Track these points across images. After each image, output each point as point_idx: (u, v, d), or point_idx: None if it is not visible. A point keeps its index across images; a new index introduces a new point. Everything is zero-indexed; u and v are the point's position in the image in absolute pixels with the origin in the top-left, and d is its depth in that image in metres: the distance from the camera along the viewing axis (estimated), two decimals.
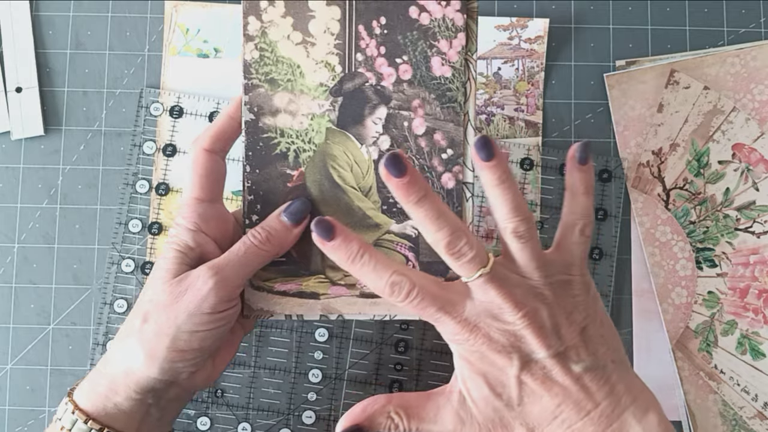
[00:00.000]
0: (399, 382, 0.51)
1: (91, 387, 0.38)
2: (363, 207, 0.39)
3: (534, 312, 0.34)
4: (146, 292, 0.38)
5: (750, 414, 0.50)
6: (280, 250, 0.39)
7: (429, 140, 0.39)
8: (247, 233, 0.38)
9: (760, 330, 0.51)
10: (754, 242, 0.51)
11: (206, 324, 0.37)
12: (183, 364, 0.37)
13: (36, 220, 0.52)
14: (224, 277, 0.37)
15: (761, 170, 0.51)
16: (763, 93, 0.52)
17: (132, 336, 0.37)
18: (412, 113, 0.39)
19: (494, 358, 0.35)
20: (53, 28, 0.53)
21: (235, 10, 0.52)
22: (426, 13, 0.39)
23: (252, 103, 0.39)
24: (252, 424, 0.50)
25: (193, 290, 0.36)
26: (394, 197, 0.37)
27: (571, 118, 0.53)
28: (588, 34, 0.53)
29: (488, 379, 0.35)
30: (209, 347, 0.38)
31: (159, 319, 0.37)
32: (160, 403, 0.38)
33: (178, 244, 0.38)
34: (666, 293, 0.51)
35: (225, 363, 0.41)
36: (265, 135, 0.39)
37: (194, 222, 0.38)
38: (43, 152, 0.52)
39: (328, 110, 0.39)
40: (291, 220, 0.38)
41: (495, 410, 0.35)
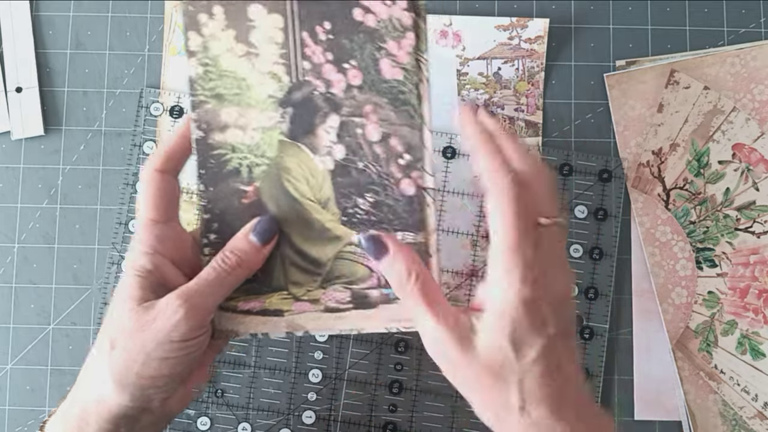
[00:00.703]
0: (399, 381, 0.51)
1: (64, 419, 0.37)
2: (321, 219, 0.38)
3: None
4: (112, 315, 0.37)
5: (750, 414, 0.50)
6: (251, 272, 0.38)
7: (385, 146, 0.38)
8: (216, 257, 0.37)
9: (760, 330, 0.51)
10: (754, 242, 0.51)
11: (177, 351, 0.36)
12: (154, 390, 0.36)
13: (36, 220, 0.52)
14: (194, 305, 0.36)
15: (761, 170, 0.51)
16: (763, 93, 0.52)
17: (101, 362, 0.36)
18: (365, 119, 0.37)
19: (553, 315, 0.34)
20: (53, 28, 0.53)
21: None
22: (371, 15, 0.37)
23: (200, 120, 0.37)
24: (252, 424, 0.50)
25: (163, 319, 0.35)
26: (353, 207, 0.37)
27: (571, 118, 0.53)
28: (588, 34, 0.53)
29: (517, 332, 0.34)
30: (180, 373, 0.37)
31: (127, 345, 0.35)
32: (133, 431, 0.38)
33: (136, 269, 0.37)
34: (666, 293, 0.51)
35: (198, 386, 0.40)
36: (215, 152, 0.38)
37: (150, 245, 0.37)
38: (44, 152, 0.52)
39: (278, 122, 0.38)
40: (260, 240, 0.37)
41: (503, 360, 0.34)
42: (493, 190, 0.35)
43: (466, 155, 0.52)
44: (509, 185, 0.34)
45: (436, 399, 0.51)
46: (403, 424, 0.50)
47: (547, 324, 0.34)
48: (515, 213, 0.34)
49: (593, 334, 0.51)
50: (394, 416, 0.50)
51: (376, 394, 0.51)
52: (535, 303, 0.34)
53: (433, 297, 0.36)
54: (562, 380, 0.35)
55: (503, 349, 0.34)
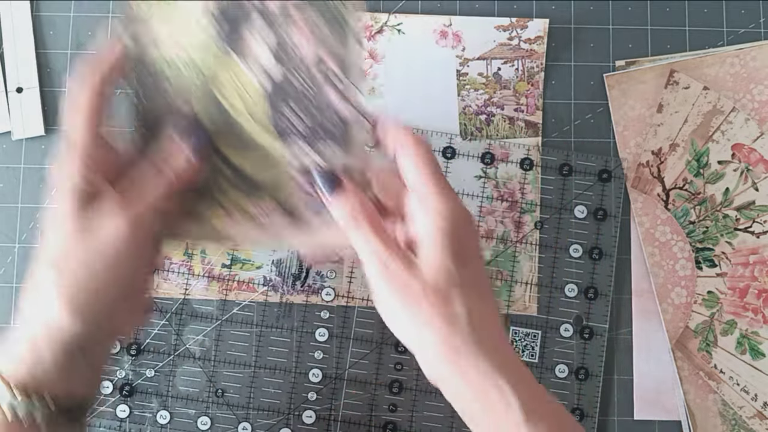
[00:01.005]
0: (399, 381, 0.51)
1: (15, 356, 0.36)
2: (256, 136, 0.38)
3: None
4: (48, 241, 0.37)
5: (749, 414, 0.50)
6: (186, 183, 0.38)
7: (319, 65, 0.37)
8: (151, 169, 0.37)
9: (760, 330, 0.51)
10: (754, 242, 0.51)
11: (123, 264, 0.36)
12: (102, 307, 0.36)
13: (37, 220, 0.52)
14: (137, 215, 0.36)
15: (761, 170, 0.52)
16: (762, 93, 0.52)
17: (47, 292, 0.36)
18: (300, 36, 0.37)
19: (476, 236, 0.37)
20: (54, 29, 0.53)
21: None
22: None
23: (133, 35, 0.38)
24: (252, 423, 0.51)
25: (106, 231, 0.35)
26: (288, 126, 0.37)
27: (571, 119, 0.53)
28: (588, 34, 0.53)
29: (460, 244, 0.36)
30: (128, 287, 0.37)
31: (70, 265, 0.35)
32: (86, 355, 0.37)
33: (71, 187, 0.36)
34: (666, 293, 0.51)
35: (147, 305, 0.41)
36: (150, 67, 0.38)
37: (83, 161, 0.37)
38: (44, 152, 0.52)
39: (212, 36, 0.37)
40: (193, 151, 0.38)
41: (446, 275, 0.36)
42: (407, 145, 0.37)
43: (466, 155, 0.52)
44: (417, 138, 0.37)
45: (436, 399, 0.51)
46: (403, 424, 0.50)
47: (475, 245, 0.38)
48: (425, 155, 0.37)
49: (593, 334, 0.51)
50: (394, 416, 0.51)
51: (376, 393, 0.51)
52: (466, 223, 0.37)
53: (381, 227, 0.37)
54: (494, 300, 0.38)
55: (447, 266, 0.36)
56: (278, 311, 0.51)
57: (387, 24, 0.53)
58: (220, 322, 0.51)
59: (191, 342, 0.51)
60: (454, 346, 0.35)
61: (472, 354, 0.35)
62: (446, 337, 0.35)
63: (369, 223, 0.37)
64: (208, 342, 0.51)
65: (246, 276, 0.51)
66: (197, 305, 0.51)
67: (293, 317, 0.51)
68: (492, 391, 0.35)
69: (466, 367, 0.35)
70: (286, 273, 0.51)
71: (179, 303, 0.51)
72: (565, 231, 0.51)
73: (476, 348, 0.35)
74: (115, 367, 0.51)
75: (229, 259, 0.51)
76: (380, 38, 0.53)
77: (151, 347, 0.51)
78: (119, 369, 0.51)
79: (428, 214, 0.36)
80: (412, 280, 0.36)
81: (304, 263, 0.51)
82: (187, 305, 0.51)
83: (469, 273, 0.36)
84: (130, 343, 0.51)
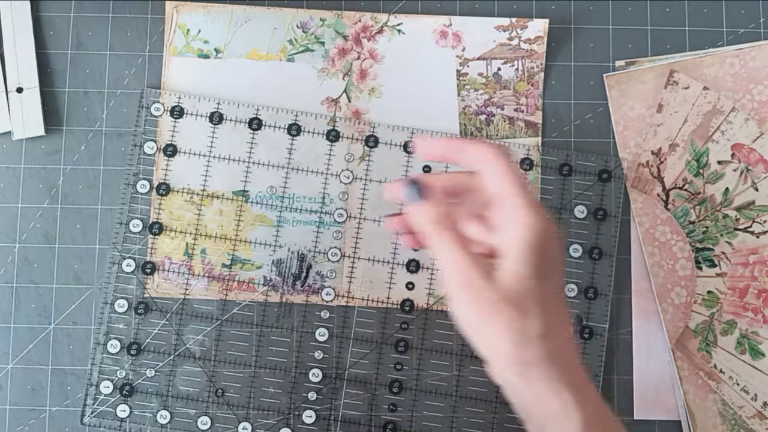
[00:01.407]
0: (399, 381, 0.51)
1: None
2: None
3: None
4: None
5: (749, 413, 0.50)
6: None
7: None
8: None
9: (760, 330, 0.51)
10: (754, 242, 0.51)
11: None
12: None
13: (37, 220, 0.52)
14: None
15: (760, 170, 0.52)
16: (762, 93, 0.52)
17: None
18: None
19: (559, 252, 0.38)
20: (54, 29, 0.53)
21: (235, 10, 0.53)
22: None
23: None
24: (252, 423, 0.51)
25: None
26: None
27: (571, 119, 0.53)
28: (587, 34, 0.53)
29: (543, 258, 0.36)
30: None
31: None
32: None
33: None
34: (665, 293, 0.51)
35: None
36: None
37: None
38: (44, 152, 0.52)
39: None
40: None
41: (524, 289, 0.36)
42: (487, 159, 0.38)
43: None
44: (496, 150, 0.38)
45: (436, 399, 0.51)
46: (403, 424, 0.51)
47: (558, 260, 0.38)
48: (509, 166, 0.38)
49: (593, 333, 0.51)
50: (394, 416, 0.51)
51: (376, 393, 0.51)
52: (550, 238, 0.37)
53: (462, 236, 0.38)
54: (568, 317, 0.38)
55: (527, 279, 0.36)
56: (278, 311, 0.51)
57: (387, 24, 0.53)
58: (220, 321, 0.51)
59: (191, 342, 0.51)
60: (525, 358, 0.36)
61: (541, 367, 0.36)
62: (518, 348, 0.36)
63: (450, 231, 0.38)
64: (209, 342, 0.51)
65: (246, 276, 0.51)
66: (197, 305, 0.51)
67: (293, 317, 0.51)
68: (556, 404, 0.36)
69: (534, 378, 0.36)
70: (286, 273, 0.51)
71: (179, 303, 0.51)
72: (565, 231, 0.52)
73: (546, 362, 0.36)
74: (115, 367, 0.51)
75: (229, 259, 0.51)
76: (380, 38, 0.53)
77: (151, 347, 0.51)
78: (119, 369, 0.51)
79: (513, 226, 0.37)
80: (488, 290, 0.36)
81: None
82: (188, 305, 0.51)
83: (548, 288, 0.37)
84: (130, 343, 0.51)
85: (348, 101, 0.52)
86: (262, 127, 0.52)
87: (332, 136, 0.52)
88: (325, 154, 0.52)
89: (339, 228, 0.52)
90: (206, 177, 0.52)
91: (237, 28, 0.53)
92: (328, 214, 0.52)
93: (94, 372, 0.51)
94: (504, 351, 0.36)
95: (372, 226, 0.52)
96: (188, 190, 0.52)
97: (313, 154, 0.52)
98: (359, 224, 0.52)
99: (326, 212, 0.52)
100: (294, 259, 0.52)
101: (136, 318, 0.51)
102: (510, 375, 0.37)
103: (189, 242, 0.51)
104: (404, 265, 0.51)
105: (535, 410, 0.37)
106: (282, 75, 0.53)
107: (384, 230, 0.52)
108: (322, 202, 0.52)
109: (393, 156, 0.52)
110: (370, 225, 0.52)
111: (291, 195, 0.52)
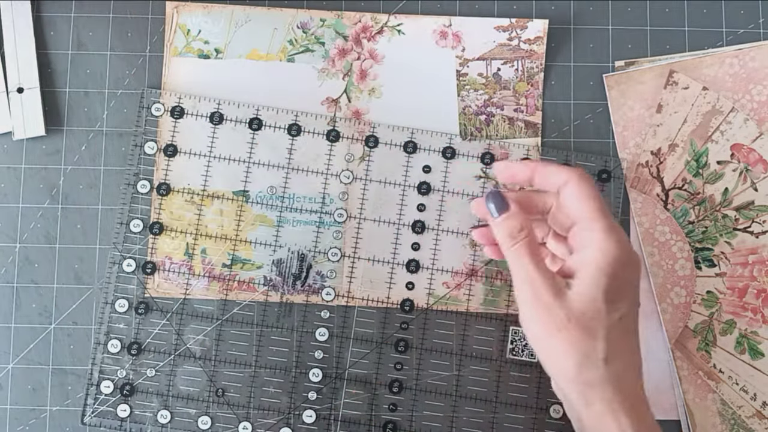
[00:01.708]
0: (399, 381, 0.51)
1: None
2: None
3: None
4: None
5: (749, 413, 0.51)
6: None
7: None
8: None
9: (759, 329, 0.51)
10: (753, 242, 0.51)
11: None
12: None
13: (38, 220, 0.52)
14: None
15: (760, 170, 0.52)
16: (761, 93, 0.52)
17: None
18: None
19: (635, 279, 0.38)
20: (55, 29, 0.53)
21: (235, 10, 0.53)
22: None
23: None
24: (253, 423, 0.51)
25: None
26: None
27: (571, 119, 0.53)
28: (587, 34, 0.53)
29: (615, 283, 0.37)
30: None
31: None
32: None
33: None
34: (665, 293, 0.51)
35: None
36: None
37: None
38: (45, 152, 0.52)
39: None
40: None
41: (594, 312, 0.36)
42: (570, 181, 0.39)
43: (465, 155, 0.52)
44: (580, 172, 0.39)
45: (436, 399, 0.51)
46: (403, 424, 0.51)
47: (631, 285, 0.38)
48: (590, 189, 0.39)
49: None
50: (394, 415, 0.51)
51: (376, 393, 0.51)
52: (626, 264, 0.37)
53: (537, 252, 0.39)
54: (637, 343, 0.38)
55: (596, 302, 0.36)
56: (278, 311, 0.51)
57: (387, 24, 0.53)
58: (220, 321, 0.51)
59: (192, 342, 0.51)
60: (587, 379, 0.37)
61: (602, 390, 0.37)
62: (581, 369, 0.36)
63: (526, 246, 0.38)
64: (209, 342, 0.51)
65: (246, 276, 0.52)
66: (198, 305, 0.51)
67: (293, 317, 0.51)
68: (613, 426, 0.37)
69: (593, 399, 0.37)
70: (286, 273, 0.52)
71: (180, 303, 0.51)
72: None
73: (609, 386, 0.36)
74: (115, 367, 0.51)
75: (230, 259, 0.52)
76: (380, 39, 0.53)
77: (151, 347, 0.51)
78: (120, 369, 0.51)
79: (589, 249, 0.37)
80: (557, 308, 0.37)
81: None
82: (188, 305, 0.51)
83: (618, 314, 0.37)
84: (130, 343, 0.51)
85: (348, 101, 0.52)
86: (263, 127, 0.52)
87: (332, 137, 0.52)
88: (325, 154, 0.52)
89: (339, 228, 0.52)
90: (206, 177, 0.52)
91: (237, 28, 0.53)
92: (328, 214, 0.52)
93: (94, 372, 0.51)
94: (567, 369, 0.37)
95: (372, 226, 0.52)
96: (188, 190, 0.52)
97: (313, 154, 0.52)
98: (359, 224, 0.52)
99: (326, 212, 0.52)
100: (294, 259, 0.52)
101: (136, 318, 0.51)
102: (570, 393, 0.37)
103: (189, 242, 0.52)
104: (404, 265, 0.52)
105: (592, 430, 0.38)
106: (282, 75, 0.53)
107: (384, 230, 0.52)
108: (322, 202, 0.52)
109: (393, 156, 0.52)
110: (370, 225, 0.52)
111: (291, 195, 0.52)
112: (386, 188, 0.52)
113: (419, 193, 0.52)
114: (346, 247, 0.52)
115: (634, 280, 0.39)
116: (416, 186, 0.52)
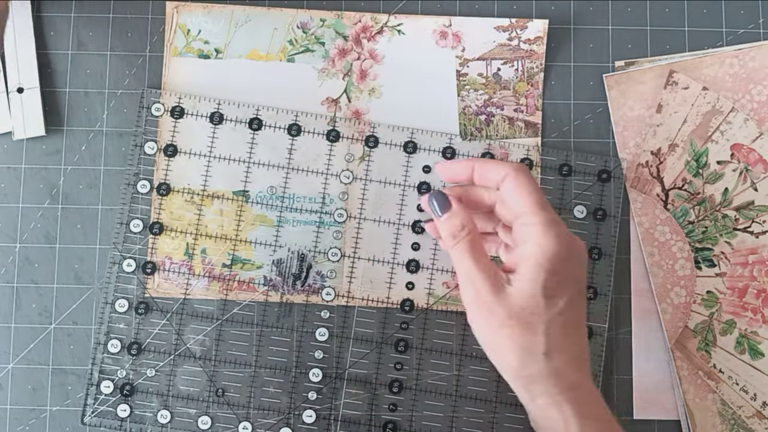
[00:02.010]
0: (399, 381, 0.51)
1: None
2: None
3: None
4: None
5: (749, 413, 0.51)
6: None
7: None
8: None
9: (759, 329, 0.51)
10: (753, 242, 0.51)
11: None
12: None
13: (38, 220, 0.52)
14: None
15: (760, 170, 0.52)
16: (761, 93, 0.52)
17: None
18: None
19: (577, 272, 0.38)
20: (55, 29, 0.53)
21: (236, 10, 0.53)
22: None
23: None
24: (253, 423, 0.51)
25: None
26: None
27: (571, 119, 0.53)
28: (587, 34, 0.53)
29: (554, 278, 0.37)
30: None
31: None
32: None
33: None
34: (665, 293, 0.51)
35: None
36: None
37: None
38: (45, 152, 0.52)
39: None
40: None
41: (533, 307, 0.37)
42: (508, 176, 0.39)
43: (465, 155, 0.52)
44: (518, 167, 0.39)
45: (436, 399, 0.51)
46: (403, 424, 0.51)
47: (572, 279, 0.38)
48: (528, 184, 0.39)
49: (592, 333, 0.51)
50: (394, 415, 0.51)
51: (376, 393, 0.51)
52: (565, 259, 0.37)
53: (478, 250, 0.39)
54: (580, 336, 0.39)
55: (535, 297, 0.37)
56: (278, 311, 0.51)
57: (387, 24, 0.53)
58: (220, 321, 0.51)
59: (192, 342, 0.51)
60: (529, 373, 0.37)
61: (544, 383, 0.37)
62: (523, 364, 0.37)
63: (467, 243, 0.39)
64: (209, 342, 0.51)
65: (246, 276, 0.52)
66: (198, 305, 0.51)
67: (293, 317, 0.51)
68: (558, 419, 0.37)
69: (537, 393, 0.37)
70: (286, 273, 0.52)
71: (180, 303, 0.51)
72: None
73: (550, 379, 0.37)
74: (115, 367, 0.51)
75: (230, 259, 0.52)
76: (380, 39, 0.53)
77: (151, 347, 0.51)
78: (120, 368, 0.51)
79: (529, 243, 0.38)
80: (497, 305, 0.37)
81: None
82: (188, 305, 0.51)
83: (559, 308, 0.37)
84: (130, 343, 0.51)
85: (348, 101, 0.52)
86: (263, 127, 0.52)
87: (332, 137, 0.52)
88: (325, 154, 0.52)
89: (339, 228, 0.52)
90: (206, 177, 0.52)
91: (237, 28, 0.53)
92: (328, 214, 0.52)
93: (94, 372, 0.51)
94: (510, 365, 0.37)
95: (372, 226, 0.52)
96: (188, 190, 0.52)
97: (313, 154, 0.52)
98: (359, 224, 0.52)
99: (326, 212, 0.52)
100: (294, 259, 0.52)
101: (136, 318, 0.51)
102: (516, 387, 0.38)
103: (189, 242, 0.52)
104: (404, 265, 0.52)
105: (540, 421, 0.38)
106: (282, 75, 0.53)
107: (384, 230, 0.52)
108: (322, 202, 0.52)
109: (393, 156, 0.52)
110: (370, 225, 0.52)
111: (291, 195, 0.52)
112: (386, 188, 0.52)
113: (419, 193, 0.52)
114: (346, 247, 0.52)
115: (576, 273, 0.39)
116: (416, 186, 0.52)
